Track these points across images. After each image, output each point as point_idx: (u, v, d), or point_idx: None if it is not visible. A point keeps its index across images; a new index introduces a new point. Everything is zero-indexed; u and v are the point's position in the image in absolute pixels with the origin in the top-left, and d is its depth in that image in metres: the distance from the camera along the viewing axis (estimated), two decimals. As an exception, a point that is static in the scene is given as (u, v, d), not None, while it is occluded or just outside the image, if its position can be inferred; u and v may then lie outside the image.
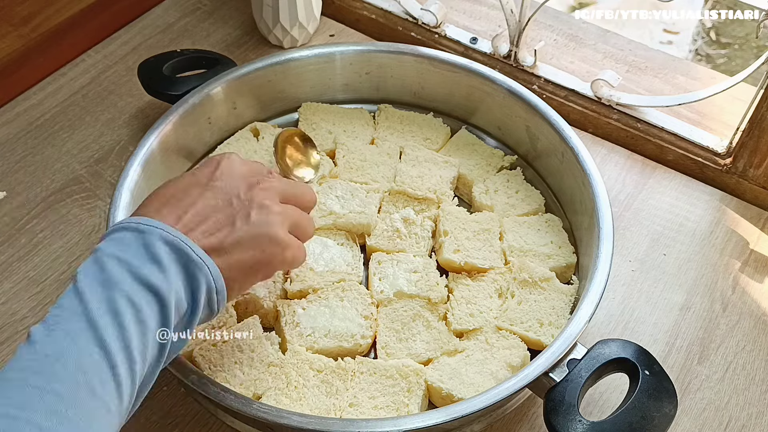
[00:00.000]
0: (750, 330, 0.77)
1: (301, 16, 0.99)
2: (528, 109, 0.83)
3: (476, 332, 0.72)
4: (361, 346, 0.71)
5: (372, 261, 0.77)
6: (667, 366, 0.73)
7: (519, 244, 0.78)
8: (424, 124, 0.90)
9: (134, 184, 0.76)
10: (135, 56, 1.01)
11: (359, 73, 0.91)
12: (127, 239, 0.54)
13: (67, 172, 0.89)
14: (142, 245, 0.54)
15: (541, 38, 1.02)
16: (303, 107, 0.91)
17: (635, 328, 0.77)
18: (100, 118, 0.95)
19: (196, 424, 0.70)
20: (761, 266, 0.82)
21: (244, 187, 0.62)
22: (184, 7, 1.09)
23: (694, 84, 0.98)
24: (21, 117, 0.94)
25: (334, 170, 0.84)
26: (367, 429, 0.59)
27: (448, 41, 1.00)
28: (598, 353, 0.65)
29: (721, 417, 0.71)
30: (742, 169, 0.86)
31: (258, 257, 0.60)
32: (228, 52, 1.01)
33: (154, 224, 0.55)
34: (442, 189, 0.82)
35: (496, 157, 0.87)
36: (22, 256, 0.81)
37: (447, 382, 0.68)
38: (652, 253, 0.83)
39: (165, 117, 0.81)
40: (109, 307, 0.50)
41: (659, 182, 0.89)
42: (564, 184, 0.82)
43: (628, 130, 0.91)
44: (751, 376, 0.74)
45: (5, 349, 0.74)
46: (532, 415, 0.71)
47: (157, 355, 0.53)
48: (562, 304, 0.73)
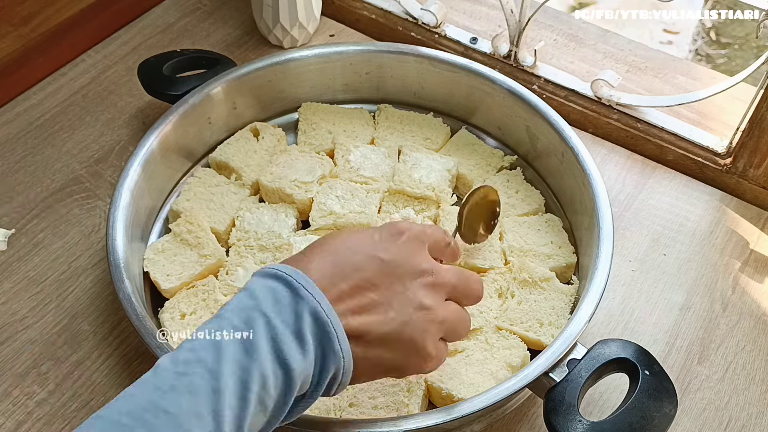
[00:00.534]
0: (750, 330, 0.77)
1: (301, 16, 0.99)
2: (528, 109, 0.83)
3: (476, 332, 0.72)
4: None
5: (372, 261, 0.77)
6: (667, 366, 0.73)
7: (519, 244, 0.78)
8: (424, 124, 0.90)
9: (134, 184, 0.76)
10: (135, 56, 1.01)
11: (359, 73, 0.91)
12: (281, 298, 0.51)
13: (67, 172, 0.89)
14: (293, 313, 0.51)
15: (541, 38, 1.02)
16: (303, 107, 0.91)
17: (635, 328, 0.77)
18: (100, 118, 0.95)
19: (196, 424, 0.70)
20: (761, 266, 0.82)
21: (414, 274, 0.56)
22: (184, 7, 1.09)
23: (694, 84, 0.98)
24: (21, 117, 0.94)
25: (334, 170, 0.84)
26: (367, 429, 0.60)
27: (448, 41, 1.00)
28: (598, 353, 0.65)
29: (721, 417, 0.71)
30: (742, 169, 0.86)
31: (397, 362, 0.56)
32: (228, 52, 1.02)
33: (311, 291, 0.51)
34: (441, 187, 0.82)
35: (496, 157, 0.87)
36: (22, 256, 0.81)
37: (447, 382, 0.68)
38: (652, 253, 0.83)
39: (165, 117, 0.81)
40: (240, 376, 0.47)
41: (659, 182, 0.89)
42: (564, 184, 0.82)
43: (628, 130, 0.91)
44: (751, 376, 0.74)
45: (5, 349, 0.74)
46: (532, 415, 0.71)
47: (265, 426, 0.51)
48: (562, 304, 0.73)
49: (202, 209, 0.80)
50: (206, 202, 0.81)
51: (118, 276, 0.69)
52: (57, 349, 0.74)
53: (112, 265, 0.70)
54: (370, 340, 0.54)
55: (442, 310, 0.57)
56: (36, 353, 0.74)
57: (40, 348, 0.74)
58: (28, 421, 0.69)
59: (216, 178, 0.84)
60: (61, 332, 0.75)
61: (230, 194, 0.82)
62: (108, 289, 0.78)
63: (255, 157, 0.85)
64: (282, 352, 0.49)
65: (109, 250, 0.71)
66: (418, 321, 0.55)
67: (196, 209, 0.80)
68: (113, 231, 0.72)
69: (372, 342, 0.54)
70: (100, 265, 0.80)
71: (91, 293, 0.78)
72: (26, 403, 0.70)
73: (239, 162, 0.85)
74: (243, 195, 0.83)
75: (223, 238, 0.80)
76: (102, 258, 0.81)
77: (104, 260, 0.78)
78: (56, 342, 0.74)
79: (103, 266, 0.80)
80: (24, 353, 0.74)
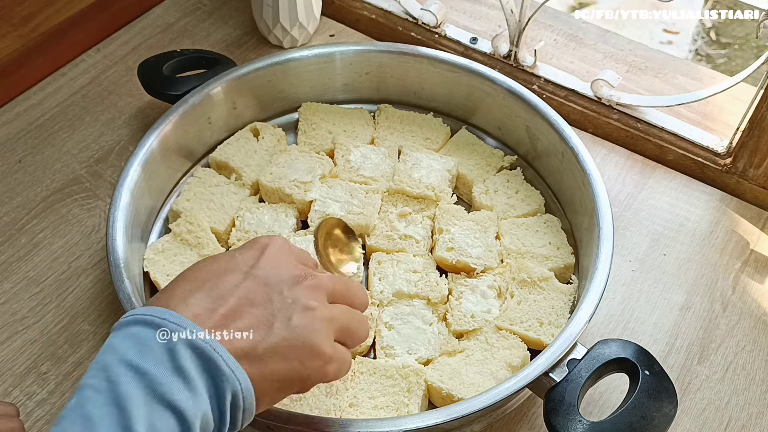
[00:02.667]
0: (750, 330, 0.77)
1: (301, 16, 0.99)
2: (528, 109, 0.83)
3: (476, 332, 0.72)
4: (361, 346, 0.71)
5: (372, 261, 0.77)
6: (667, 366, 0.73)
7: (516, 246, 0.78)
8: (424, 124, 0.90)
9: (134, 184, 0.76)
10: (135, 56, 1.01)
11: (359, 73, 0.91)
12: (147, 340, 0.46)
13: (67, 172, 0.89)
14: (166, 350, 0.46)
15: (541, 38, 1.02)
16: (303, 107, 0.91)
17: (635, 328, 0.77)
18: (100, 118, 0.95)
19: (196, 424, 0.70)
20: (761, 266, 0.82)
21: (289, 281, 0.54)
22: (184, 7, 1.09)
23: (694, 84, 0.98)
24: (21, 117, 0.94)
25: (334, 170, 0.84)
26: (367, 429, 0.60)
27: (448, 41, 1.00)
28: (598, 353, 0.65)
29: (721, 417, 0.71)
30: (742, 169, 0.86)
31: (296, 370, 0.52)
32: (228, 52, 1.02)
33: (180, 323, 0.47)
34: (441, 187, 0.82)
35: (496, 157, 0.87)
36: (22, 256, 0.81)
37: (447, 382, 0.68)
38: (652, 253, 0.83)
39: (165, 117, 0.81)
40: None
41: (659, 182, 0.89)
42: (564, 184, 0.82)
43: (628, 130, 0.91)
44: (751, 376, 0.74)
45: (5, 349, 0.74)
46: (532, 415, 0.71)
47: None
48: (561, 303, 0.73)
49: (202, 209, 0.80)
50: (206, 202, 0.81)
51: (118, 276, 0.69)
52: (57, 349, 0.74)
53: (112, 265, 0.70)
54: (260, 355, 0.50)
55: (327, 308, 0.55)
56: (36, 353, 0.74)
57: (40, 348, 0.74)
58: (28, 421, 0.69)
59: (216, 178, 0.84)
60: (61, 332, 0.75)
61: (230, 194, 0.82)
62: (108, 289, 0.78)
63: (255, 157, 0.85)
64: (163, 395, 0.44)
65: (109, 250, 0.71)
66: (304, 322, 0.52)
67: (196, 209, 0.80)
68: (113, 231, 0.72)
69: (263, 356, 0.50)
70: (100, 265, 0.80)
71: (91, 293, 0.78)
72: (26, 404, 0.70)
73: (239, 162, 0.85)
74: (243, 195, 0.83)
75: (223, 238, 0.80)
76: (102, 258, 0.81)
77: (104, 260, 0.78)
78: (56, 342, 0.74)
79: (103, 266, 0.80)
80: (24, 353, 0.74)
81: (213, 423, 0.47)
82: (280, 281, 0.54)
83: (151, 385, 0.44)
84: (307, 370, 0.52)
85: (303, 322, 0.52)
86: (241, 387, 0.48)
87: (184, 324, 0.47)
